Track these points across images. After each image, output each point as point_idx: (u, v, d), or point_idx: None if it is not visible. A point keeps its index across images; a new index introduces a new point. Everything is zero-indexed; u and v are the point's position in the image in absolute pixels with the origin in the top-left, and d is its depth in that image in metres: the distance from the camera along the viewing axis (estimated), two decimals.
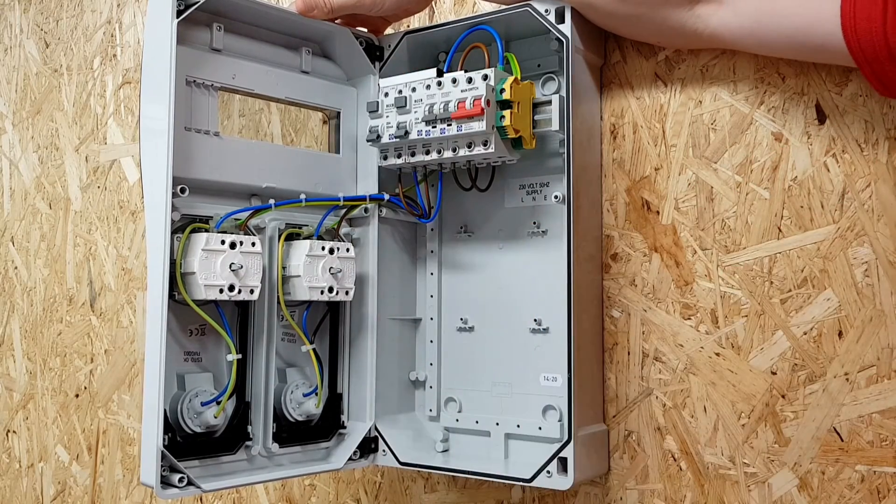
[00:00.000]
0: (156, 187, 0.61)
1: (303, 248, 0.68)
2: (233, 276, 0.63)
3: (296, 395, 0.71)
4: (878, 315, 0.60)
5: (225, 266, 0.63)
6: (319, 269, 0.68)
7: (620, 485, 0.69)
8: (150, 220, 0.62)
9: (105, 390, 1.10)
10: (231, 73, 0.67)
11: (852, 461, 0.60)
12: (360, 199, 0.72)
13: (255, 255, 0.65)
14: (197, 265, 0.62)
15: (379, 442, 0.72)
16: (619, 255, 0.70)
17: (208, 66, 0.66)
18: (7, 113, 1.29)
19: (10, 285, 1.25)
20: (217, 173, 0.66)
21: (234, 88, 0.68)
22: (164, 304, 0.60)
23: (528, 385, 0.71)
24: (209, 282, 0.62)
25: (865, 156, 0.60)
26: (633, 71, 0.70)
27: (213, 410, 0.65)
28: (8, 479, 1.23)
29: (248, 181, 0.68)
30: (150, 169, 0.62)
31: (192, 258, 0.62)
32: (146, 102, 0.63)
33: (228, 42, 0.68)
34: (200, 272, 0.62)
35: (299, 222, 0.71)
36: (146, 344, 0.61)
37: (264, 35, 0.70)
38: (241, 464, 0.67)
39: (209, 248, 0.63)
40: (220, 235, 0.64)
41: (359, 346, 0.73)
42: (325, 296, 0.68)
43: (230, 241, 0.64)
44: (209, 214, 0.66)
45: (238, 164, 0.68)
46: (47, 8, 1.25)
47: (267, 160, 0.69)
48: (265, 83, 0.70)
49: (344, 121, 0.75)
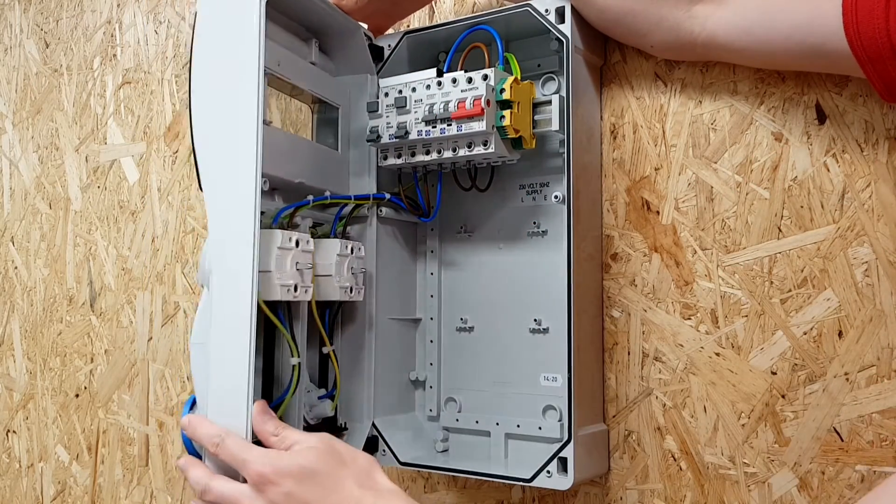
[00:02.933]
0: (233, 183, 0.57)
1: (333, 248, 0.66)
2: (298, 276, 0.61)
3: (310, 397, 0.70)
4: (878, 315, 0.59)
5: (293, 265, 0.61)
6: (345, 269, 0.67)
7: (620, 485, 0.69)
8: (223, 218, 0.58)
9: (105, 390, 1.10)
10: (276, 59, 0.64)
11: (852, 461, 0.60)
12: (365, 199, 0.72)
13: (308, 253, 0.63)
14: (273, 264, 0.59)
15: (379, 442, 0.72)
16: (619, 255, 0.70)
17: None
18: (7, 113, 1.29)
19: (10, 285, 1.25)
20: (267, 166, 0.61)
21: (279, 76, 0.65)
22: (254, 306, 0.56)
23: (528, 385, 0.71)
24: (283, 281, 0.60)
25: (865, 156, 0.60)
26: (633, 71, 0.70)
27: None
28: (8, 479, 1.22)
29: (286, 175, 0.65)
30: (221, 162, 0.58)
31: (267, 257, 0.59)
32: (212, 94, 0.59)
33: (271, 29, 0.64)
34: (276, 271, 0.59)
35: (319, 221, 0.70)
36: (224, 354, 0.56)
37: (283, 22, 0.69)
38: None
39: (283, 246, 0.60)
40: (289, 233, 0.61)
41: (359, 346, 0.73)
42: (347, 295, 0.67)
43: (296, 238, 0.61)
44: None
45: (278, 158, 0.64)
46: (47, 8, 1.25)
47: (300, 155, 0.67)
48: (296, 72, 0.67)
49: (343, 117, 0.75)
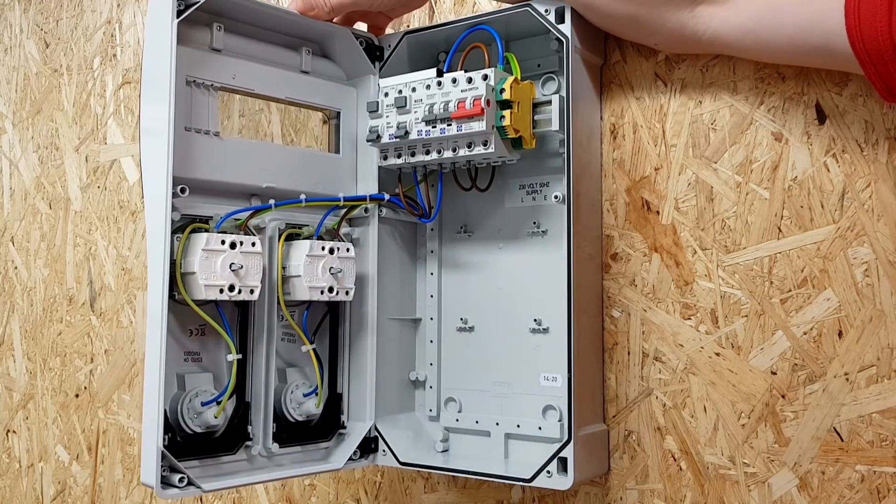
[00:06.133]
0: (156, 187, 0.61)
1: (303, 248, 0.68)
2: (233, 276, 0.64)
3: (296, 395, 0.71)
4: (878, 315, 0.59)
5: (225, 266, 0.63)
6: (319, 269, 0.68)
7: (620, 485, 0.69)
8: (151, 220, 0.62)
9: (105, 390, 1.10)
10: (231, 72, 0.67)
11: (852, 461, 0.60)
12: (360, 199, 0.72)
13: (255, 255, 0.65)
14: (197, 265, 0.62)
15: (379, 442, 0.72)
16: (619, 255, 0.70)
17: (208, 66, 0.66)
18: (7, 113, 1.29)
19: (10, 285, 1.25)
20: (217, 173, 0.66)
21: (234, 88, 0.68)
22: (165, 304, 0.60)
23: (528, 385, 0.71)
24: (209, 282, 0.62)
25: (865, 156, 0.60)
26: (633, 71, 0.70)
27: (213, 410, 0.65)
28: (8, 479, 1.22)
29: (249, 181, 0.68)
30: (150, 169, 0.62)
31: (192, 258, 0.63)
32: (146, 102, 0.63)
33: (229, 42, 0.68)
34: (201, 272, 0.62)
35: (299, 222, 0.71)
36: (146, 344, 0.61)
37: (264, 35, 0.71)
38: (242, 464, 0.67)
39: (209, 248, 0.63)
40: (221, 235, 0.64)
41: (359, 346, 0.73)
42: (324, 296, 0.68)
43: (230, 241, 0.64)
44: (209, 214, 0.66)
45: (238, 164, 0.68)
46: (47, 8, 1.25)
47: (267, 160, 0.70)
48: (265, 83, 0.70)
49: (344, 121, 0.75)
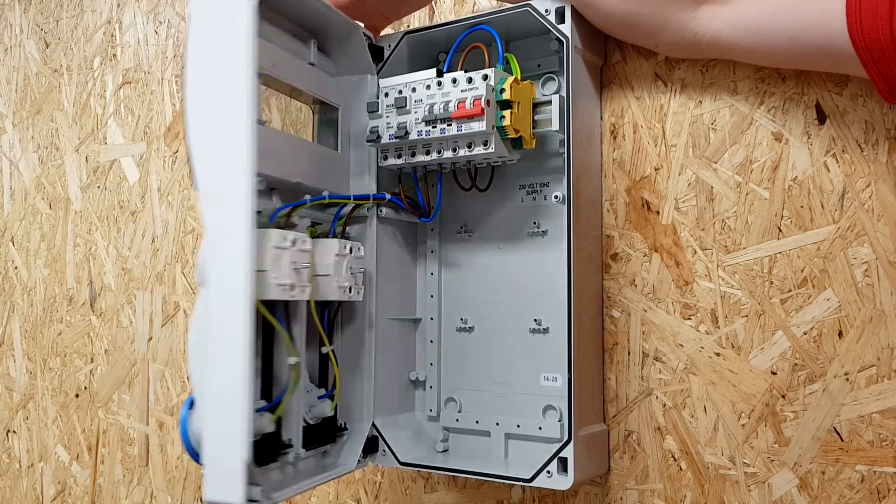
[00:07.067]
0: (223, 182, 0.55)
1: (332, 248, 0.66)
2: (295, 275, 0.61)
3: (309, 397, 0.69)
4: (878, 315, 0.60)
5: (289, 264, 0.61)
6: (344, 269, 0.67)
7: (620, 485, 0.69)
8: (216, 218, 0.56)
9: (105, 390, 1.10)
10: (272, 60, 0.64)
11: (852, 461, 0.60)
12: (365, 198, 0.72)
13: (305, 253, 0.63)
14: (269, 263, 0.59)
15: (379, 442, 0.72)
16: (619, 255, 0.70)
17: None
18: (7, 113, 1.29)
19: (10, 285, 1.25)
20: (263, 165, 0.60)
21: (274, 78, 0.65)
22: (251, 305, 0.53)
23: (528, 385, 0.71)
24: (280, 281, 0.60)
25: (865, 156, 0.60)
26: (633, 71, 0.70)
27: (267, 417, 0.62)
28: (8, 479, 1.22)
29: (281, 175, 0.65)
30: (212, 163, 0.56)
31: (263, 256, 0.59)
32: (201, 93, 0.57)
33: (264, 29, 0.64)
34: (272, 270, 0.59)
35: (314, 220, 0.70)
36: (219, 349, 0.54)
37: (284, 25, 0.68)
38: (288, 469, 0.65)
39: (280, 245, 0.60)
40: (285, 232, 0.61)
41: (359, 346, 0.73)
42: (345, 295, 0.67)
43: (292, 238, 0.61)
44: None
45: (276, 157, 0.64)
46: (47, 8, 1.25)
47: (298, 154, 0.67)
48: (295, 75, 0.67)
49: (342, 118, 0.74)
